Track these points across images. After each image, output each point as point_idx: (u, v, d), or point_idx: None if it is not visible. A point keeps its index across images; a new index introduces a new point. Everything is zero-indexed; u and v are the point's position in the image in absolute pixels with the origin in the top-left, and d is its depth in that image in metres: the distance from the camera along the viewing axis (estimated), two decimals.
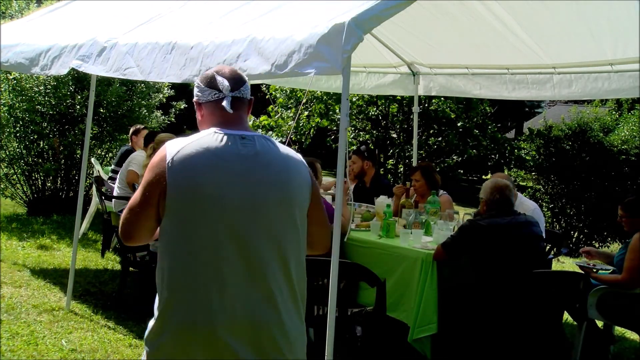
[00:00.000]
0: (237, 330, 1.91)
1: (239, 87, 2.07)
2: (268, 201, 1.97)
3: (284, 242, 1.99)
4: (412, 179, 5.41)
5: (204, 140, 1.96)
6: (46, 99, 8.53)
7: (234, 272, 1.92)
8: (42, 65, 4.63)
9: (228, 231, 1.92)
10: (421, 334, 3.92)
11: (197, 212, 1.92)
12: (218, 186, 1.92)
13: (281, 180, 2.00)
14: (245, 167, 1.96)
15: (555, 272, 4.12)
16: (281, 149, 2.06)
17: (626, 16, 4.40)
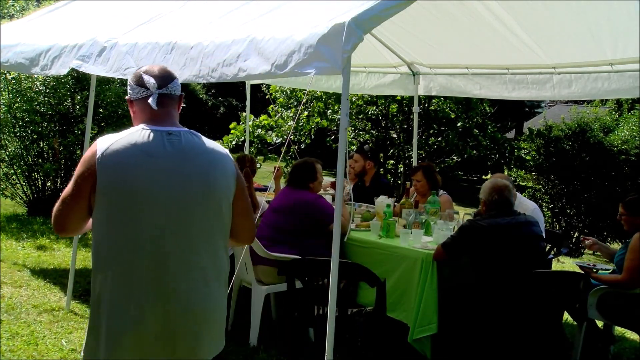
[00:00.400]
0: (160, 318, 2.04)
1: (166, 84, 2.18)
2: (192, 194, 2.07)
3: (209, 233, 2.11)
4: (413, 179, 5.41)
5: (132, 137, 2.07)
6: (46, 99, 8.53)
7: (158, 263, 2.03)
8: (43, 66, 4.63)
9: (153, 224, 2.03)
10: (421, 334, 3.92)
11: (124, 206, 2.02)
12: (143, 181, 2.02)
13: (206, 173, 2.10)
14: (171, 162, 2.06)
15: (555, 272, 4.12)
16: (207, 144, 2.17)
17: (626, 16, 4.39)
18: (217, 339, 2.29)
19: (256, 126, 11.92)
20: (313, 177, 4.65)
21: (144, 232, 2.02)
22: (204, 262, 2.11)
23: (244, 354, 4.22)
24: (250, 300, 4.43)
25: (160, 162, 2.05)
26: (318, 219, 4.45)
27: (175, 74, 2.26)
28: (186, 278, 2.07)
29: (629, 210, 4.35)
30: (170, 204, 2.05)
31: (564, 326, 5.07)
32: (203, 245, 2.10)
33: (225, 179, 2.15)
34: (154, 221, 2.03)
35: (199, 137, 2.17)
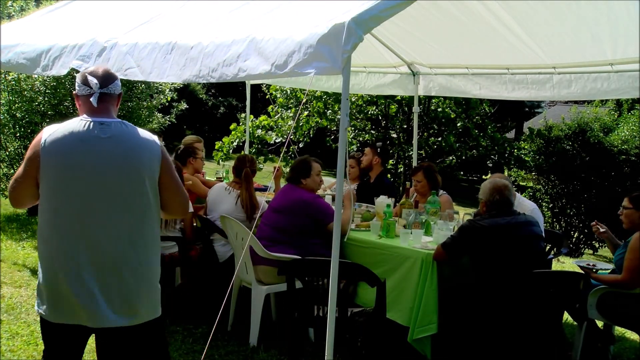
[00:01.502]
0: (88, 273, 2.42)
1: (107, 85, 2.58)
2: (117, 173, 2.47)
3: (132, 206, 2.49)
4: (413, 179, 5.41)
5: (71, 126, 2.49)
6: (46, 99, 8.53)
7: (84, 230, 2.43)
8: (43, 66, 4.63)
9: (80, 198, 2.44)
10: (421, 334, 3.91)
11: (59, 183, 2.44)
12: (76, 162, 2.44)
13: (130, 156, 2.48)
14: (100, 147, 2.46)
15: (555, 272, 4.11)
16: (134, 131, 2.55)
17: (626, 16, 4.40)
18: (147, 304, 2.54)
19: (256, 126, 11.92)
20: (306, 174, 4.63)
21: (72, 204, 2.44)
22: (126, 231, 2.47)
23: (244, 354, 4.23)
24: (250, 300, 4.43)
25: (90, 147, 2.45)
26: (317, 219, 4.44)
27: (116, 75, 2.65)
28: (108, 246, 2.44)
29: (635, 204, 4.32)
30: (96, 181, 2.45)
31: (564, 326, 5.07)
32: (126, 216, 2.48)
33: (148, 161, 2.51)
34: (81, 194, 2.44)
35: (128, 126, 2.55)
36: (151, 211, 2.54)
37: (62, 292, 2.41)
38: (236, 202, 4.91)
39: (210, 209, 5.15)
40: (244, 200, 4.89)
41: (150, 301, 2.54)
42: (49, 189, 2.45)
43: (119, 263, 2.45)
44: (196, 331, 4.57)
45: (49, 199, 2.45)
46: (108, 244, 2.44)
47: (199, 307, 4.97)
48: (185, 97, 17.46)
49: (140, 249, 2.50)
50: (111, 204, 2.46)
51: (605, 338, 4.61)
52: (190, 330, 4.59)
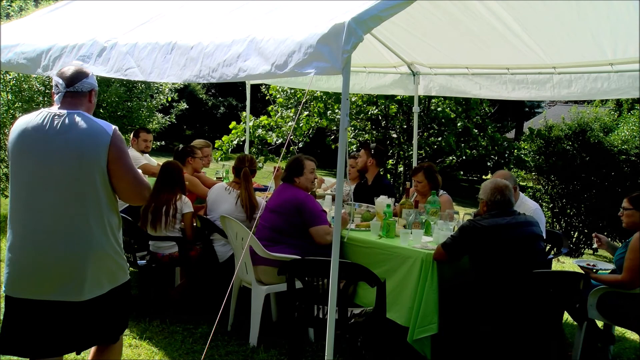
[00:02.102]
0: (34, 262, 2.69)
1: (73, 84, 2.82)
2: (60, 161, 2.67)
3: (76, 193, 2.69)
4: (414, 179, 5.41)
5: (30, 118, 2.77)
6: (45, 99, 8.53)
7: (32, 216, 2.70)
8: (44, 66, 4.63)
9: (27, 183, 2.70)
10: (422, 334, 3.91)
11: (14, 169, 2.75)
12: (26, 150, 2.71)
13: (73, 145, 2.68)
14: (49, 136, 2.69)
15: (555, 272, 4.11)
16: (86, 121, 2.73)
17: (626, 16, 4.39)
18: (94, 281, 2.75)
19: (256, 126, 11.92)
20: (299, 172, 4.61)
21: (21, 190, 2.73)
22: (67, 215, 2.69)
23: (244, 354, 4.23)
24: (250, 300, 4.43)
25: (40, 136, 2.70)
26: (304, 218, 4.43)
27: (86, 73, 2.88)
28: (54, 230, 2.68)
29: (635, 205, 4.31)
30: (41, 168, 2.69)
31: (564, 326, 5.07)
32: (68, 201, 2.68)
33: (93, 149, 2.69)
34: (27, 180, 2.71)
35: (82, 117, 2.75)
36: (95, 196, 2.72)
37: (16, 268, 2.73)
38: (236, 202, 4.92)
39: (210, 209, 5.15)
40: (244, 200, 4.89)
41: (94, 280, 2.73)
42: (9, 174, 2.78)
43: (59, 245, 2.67)
44: (196, 331, 4.57)
45: (10, 185, 2.78)
46: (49, 227, 2.68)
47: (199, 307, 4.97)
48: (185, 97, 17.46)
49: (82, 233, 2.70)
50: (55, 189, 2.68)
51: (605, 338, 4.61)
52: (190, 330, 4.59)
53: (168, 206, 4.92)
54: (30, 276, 2.70)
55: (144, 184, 2.85)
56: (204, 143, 6.37)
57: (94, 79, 2.92)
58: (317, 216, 4.44)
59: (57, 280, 2.68)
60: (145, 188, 2.86)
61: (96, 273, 2.74)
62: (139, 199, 2.89)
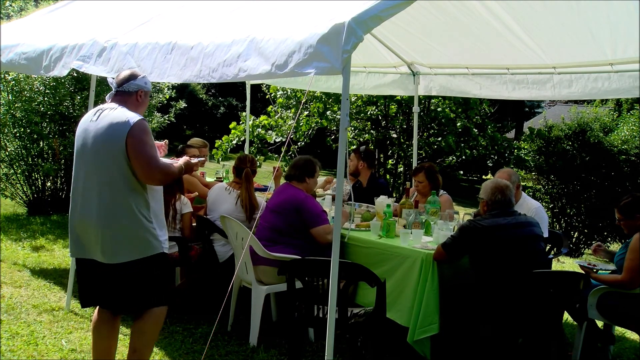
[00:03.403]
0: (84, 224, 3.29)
1: (121, 85, 3.39)
2: (94, 147, 3.25)
3: (107, 173, 3.21)
4: (415, 179, 5.40)
5: (87, 114, 3.43)
6: (45, 99, 8.53)
7: (76, 192, 3.34)
8: (45, 67, 4.63)
9: (77, 167, 3.33)
10: (423, 335, 3.90)
11: (75, 154, 3.39)
12: (77, 136, 3.37)
13: (102, 133, 3.23)
14: (90, 125, 3.30)
15: (555, 272, 4.10)
16: (115, 113, 3.25)
17: (626, 16, 4.39)
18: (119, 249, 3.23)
19: (256, 126, 11.92)
20: (312, 173, 4.66)
21: (75, 173, 3.34)
22: (97, 192, 3.22)
23: (244, 354, 4.23)
24: (250, 300, 4.43)
25: (86, 126, 3.33)
26: (303, 218, 4.43)
27: (137, 75, 3.42)
28: (89, 203, 3.24)
29: (624, 214, 4.33)
30: (82, 151, 3.31)
31: (564, 326, 5.07)
32: (99, 181, 3.23)
33: (116, 137, 3.18)
34: (76, 161, 3.35)
35: (114, 110, 3.28)
36: (120, 176, 3.20)
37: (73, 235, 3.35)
38: (236, 202, 4.91)
39: (210, 209, 5.15)
40: (244, 200, 4.89)
41: (122, 248, 3.21)
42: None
43: (101, 216, 3.20)
44: (196, 331, 4.57)
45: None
46: (88, 203, 3.25)
47: (199, 307, 4.97)
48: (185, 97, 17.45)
49: (109, 207, 3.20)
50: (89, 169, 3.26)
51: (605, 338, 4.61)
52: (190, 330, 4.59)
53: (167, 208, 4.92)
54: (76, 240, 3.32)
55: (156, 167, 3.21)
56: (201, 143, 6.36)
57: (143, 82, 3.41)
58: (317, 216, 4.44)
59: (94, 245, 3.23)
60: (158, 172, 3.23)
61: (123, 242, 3.20)
62: (151, 180, 3.27)
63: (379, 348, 4.09)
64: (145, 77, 3.47)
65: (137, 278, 3.26)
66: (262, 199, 5.02)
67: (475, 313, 3.92)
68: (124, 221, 3.21)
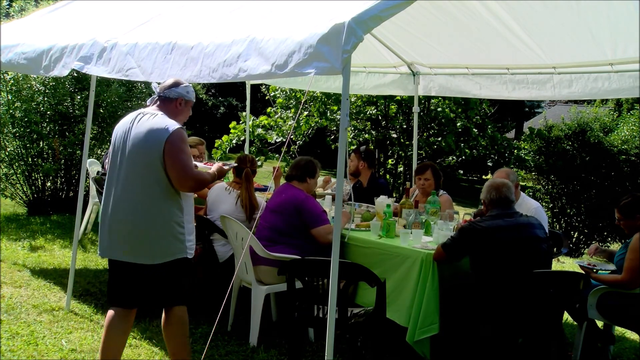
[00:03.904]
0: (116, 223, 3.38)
1: (163, 91, 3.48)
2: (133, 152, 3.34)
3: (143, 177, 3.30)
4: (421, 177, 5.39)
5: (127, 116, 3.50)
6: (45, 99, 8.52)
7: (109, 193, 3.41)
8: (45, 67, 4.63)
9: (113, 168, 3.41)
10: (423, 335, 3.90)
11: (110, 156, 3.47)
12: (116, 143, 3.45)
13: (145, 138, 3.31)
14: (130, 128, 3.39)
15: (555, 272, 4.10)
16: (155, 119, 3.35)
17: (626, 16, 4.39)
18: (148, 250, 3.33)
19: (256, 126, 11.92)
20: (313, 174, 4.68)
21: (111, 172, 3.42)
22: (133, 196, 3.32)
23: (244, 354, 4.23)
24: (250, 300, 4.43)
25: (125, 128, 3.42)
26: (303, 218, 4.43)
27: (179, 83, 3.49)
28: (130, 203, 3.32)
29: (624, 214, 4.33)
30: (119, 152, 3.39)
31: (564, 326, 5.07)
32: (135, 185, 3.32)
33: (154, 144, 3.27)
34: (111, 162, 3.43)
35: (154, 116, 3.37)
36: (155, 182, 3.29)
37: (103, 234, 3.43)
38: (236, 202, 4.91)
39: (210, 209, 5.15)
40: (244, 200, 4.89)
41: (152, 250, 3.30)
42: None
43: (133, 219, 3.31)
44: (196, 331, 4.57)
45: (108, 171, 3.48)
46: (122, 205, 3.33)
47: (199, 307, 4.97)
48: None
49: (142, 211, 3.29)
50: (125, 173, 3.34)
51: (605, 338, 4.61)
52: (190, 330, 4.57)
53: None
54: (107, 240, 3.40)
55: (191, 176, 3.32)
56: (197, 140, 6.36)
57: (184, 90, 3.49)
58: (317, 217, 4.44)
59: (124, 245, 3.34)
60: (192, 180, 3.33)
61: (153, 245, 3.30)
62: (185, 187, 3.38)
63: (379, 348, 4.09)
64: (189, 86, 3.54)
65: (160, 280, 3.36)
66: (262, 199, 5.02)
67: (475, 313, 3.92)
68: (156, 225, 3.30)
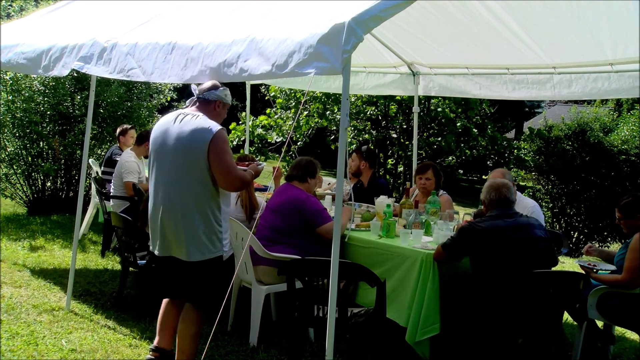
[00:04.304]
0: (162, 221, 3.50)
1: (202, 93, 3.56)
2: (175, 150, 3.42)
3: (185, 177, 3.40)
4: (422, 177, 5.38)
5: (165, 116, 3.59)
6: (45, 99, 8.52)
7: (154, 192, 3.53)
8: (44, 67, 4.62)
9: (156, 169, 3.50)
10: (424, 335, 3.89)
11: (151, 156, 3.56)
12: (156, 141, 3.53)
13: (187, 138, 3.40)
14: (172, 131, 3.47)
15: (555, 272, 4.10)
16: (197, 120, 3.43)
17: (626, 16, 4.40)
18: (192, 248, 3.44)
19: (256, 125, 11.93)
20: (313, 174, 4.68)
21: (151, 170, 3.53)
22: (189, 195, 3.40)
23: (244, 354, 4.22)
24: (250, 300, 4.43)
25: (165, 129, 3.50)
26: (307, 219, 4.43)
27: (218, 86, 3.57)
28: (175, 202, 3.42)
29: (625, 214, 4.33)
30: (161, 152, 3.47)
31: (564, 326, 5.07)
32: (179, 183, 3.41)
33: (199, 143, 3.35)
34: (153, 161, 3.52)
35: (196, 117, 3.46)
36: (197, 181, 3.39)
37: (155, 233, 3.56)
38: (236, 202, 4.91)
39: None
40: (244, 200, 4.88)
41: (195, 247, 3.42)
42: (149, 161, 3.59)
43: (179, 218, 3.41)
44: None
45: (149, 169, 3.57)
46: (167, 204, 3.44)
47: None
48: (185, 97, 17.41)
49: (191, 209, 3.40)
50: (168, 172, 3.45)
51: (605, 338, 4.61)
52: None
53: None
54: (156, 237, 3.54)
55: (235, 176, 3.42)
56: None
57: (223, 93, 3.57)
58: (320, 215, 4.44)
59: (171, 242, 3.47)
60: (237, 180, 3.44)
61: (194, 242, 3.41)
62: (230, 187, 3.50)
63: (379, 348, 4.09)
64: (227, 90, 3.63)
65: (194, 277, 3.49)
66: (262, 199, 5.02)
67: (475, 313, 3.92)
68: (198, 223, 3.40)
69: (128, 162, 6.41)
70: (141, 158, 6.63)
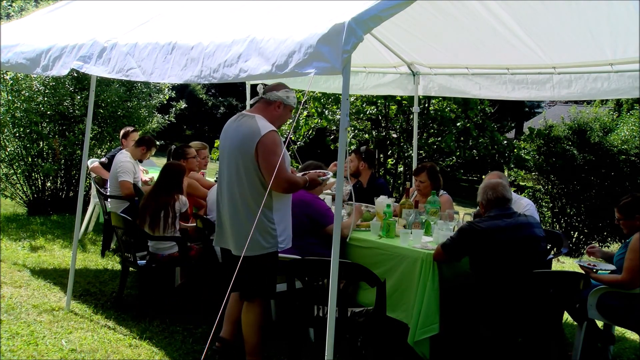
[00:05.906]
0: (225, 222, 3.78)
1: (265, 93, 3.75)
2: (231, 150, 3.67)
3: (240, 175, 3.62)
4: (417, 179, 5.40)
5: (234, 116, 3.84)
6: (45, 99, 8.52)
7: (219, 189, 3.82)
8: (44, 66, 4.62)
9: (222, 165, 3.76)
10: (424, 335, 3.89)
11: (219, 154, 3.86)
12: (221, 142, 3.81)
13: (241, 139, 3.62)
14: (229, 132, 3.74)
15: (555, 272, 4.10)
16: (252, 122, 3.61)
17: (626, 16, 4.39)
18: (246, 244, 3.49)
19: None
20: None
21: (220, 171, 3.80)
22: (240, 192, 3.62)
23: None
24: None
25: (226, 131, 3.77)
26: (314, 219, 4.44)
27: (280, 87, 3.75)
28: (231, 198, 3.67)
29: (624, 214, 4.34)
30: (223, 152, 3.75)
31: (564, 326, 5.07)
32: (234, 181, 3.63)
33: (248, 144, 3.56)
34: (221, 165, 3.76)
35: (252, 119, 3.64)
36: (249, 180, 3.58)
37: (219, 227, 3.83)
38: None
39: (210, 209, 5.15)
40: None
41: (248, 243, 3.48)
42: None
43: (232, 213, 3.65)
44: (196, 331, 4.57)
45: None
46: (226, 202, 3.69)
47: (199, 307, 4.97)
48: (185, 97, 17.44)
49: (237, 207, 3.63)
50: (227, 171, 3.69)
51: (605, 338, 4.61)
52: (190, 330, 4.59)
53: (167, 211, 4.92)
54: (219, 231, 3.81)
55: (282, 177, 3.50)
56: (200, 145, 6.39)
57: (285, 95, 3.73)
58: (326, 215, 4.45)
59: (228, 237, 3.71)
60: (284, 181, 3.54)
61: (245, 239, 3.47)
62: (277, 188, 3.57)
63: (379, 348, 4.09)
64: (290, 91, 3.78)
65: (249, 272, 3.57)
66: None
67: (475, 313, 3.92)
68: (250, 221, 3.53)
69: (123, 162, 6.41)
70: (136, 160, 6.63)
